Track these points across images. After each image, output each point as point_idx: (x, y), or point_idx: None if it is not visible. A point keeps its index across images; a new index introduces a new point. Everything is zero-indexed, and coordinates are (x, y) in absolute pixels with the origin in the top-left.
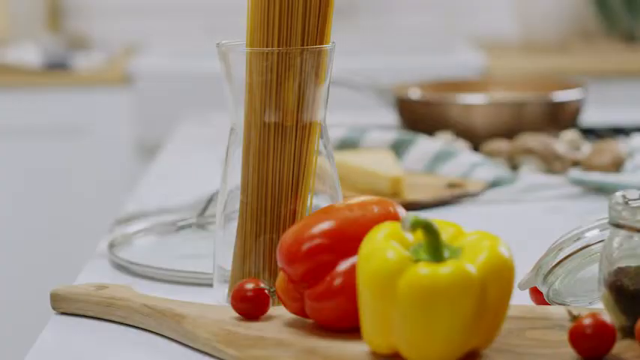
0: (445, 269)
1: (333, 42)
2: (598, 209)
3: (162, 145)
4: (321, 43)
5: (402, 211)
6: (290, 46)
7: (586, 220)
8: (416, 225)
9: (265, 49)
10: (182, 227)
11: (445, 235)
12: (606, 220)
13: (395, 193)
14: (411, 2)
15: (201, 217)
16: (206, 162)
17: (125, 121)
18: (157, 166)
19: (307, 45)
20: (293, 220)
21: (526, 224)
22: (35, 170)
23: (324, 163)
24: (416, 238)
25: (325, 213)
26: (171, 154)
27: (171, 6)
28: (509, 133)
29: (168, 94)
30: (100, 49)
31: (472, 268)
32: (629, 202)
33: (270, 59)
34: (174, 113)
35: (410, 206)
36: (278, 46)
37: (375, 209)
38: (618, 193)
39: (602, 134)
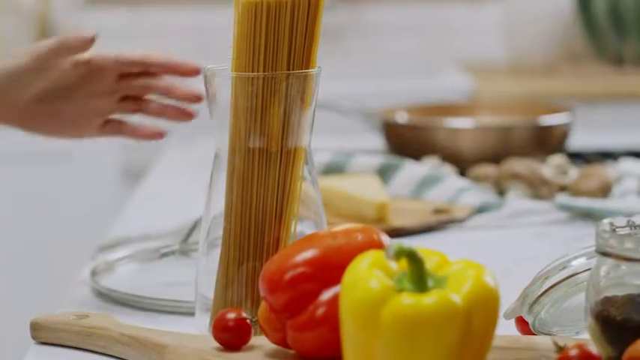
0: (429, 299)
1: (319, 67)
2: (585, 235)
3: (148, 169)
4: (307, 67)
5: (386, 239)
6: (276, 70)
7: (573, 247)
8: (400, 254)
9: (251, 74)
10: (165, 254)
11: (429, 264)
12: (593, 248)
13: (380, 219)
14: (397, 25)
15: (185, 243)
16: (191, 187)
17: (110, 145)
18: (142, 190)
19: (293, 69)
20: (276, 248)
21: (512, 251)
22: (20, 195)
23: (309, 189)
24: (400, 266)
25: (308, 241)
26: (156, 178)
27: (159, 28)
28: (496, 158)
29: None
30: None
31: (457, 298)
32: (616, 230)
33: (255, 84)
34: None
35: (395, 232)
36: (264, 71)
37: (359, 237)
38: (605, 221)
39: (590, 159)
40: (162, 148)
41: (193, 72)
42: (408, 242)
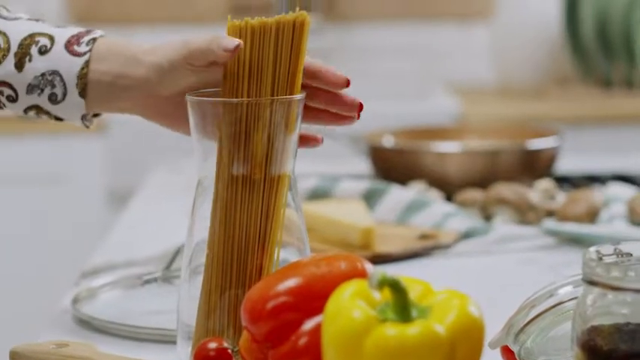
0: (413, 330)
1: (304, 92)
2: (573, 261)
3: (134, 193)
4: (292, 92)
5: (369, 268)
6: (260, 96)
7: (560, 273)
8: (383, 283)
9: (234, 99)
10: (148, 281)
11: (413, 294)
12: (580, 276)
13: (366, 245)
14: (386, 48)
15: (168, 270)
16: (176, 212)
17: (99, 168)
18: (127, 215)
19: (277, 95)
20: (259, 276)
21: (499, 277)
22: (7, 218)
23: (293, 215)
24: (383, 296)
25: (291, 269)
26: (141, 203)
27: None
28: (483, 183)
29: (141, 141)
30: None
31: (440, 329)
32: (603, 258)
33: (239, 110)
34: (147, 160)
35: (380, 259)
36: (247, 97)
37: (342, 265)
38: (592, 249)
39: (578, 183)
40: (149, 170)
41: (344, 84)
42: (392, 270)
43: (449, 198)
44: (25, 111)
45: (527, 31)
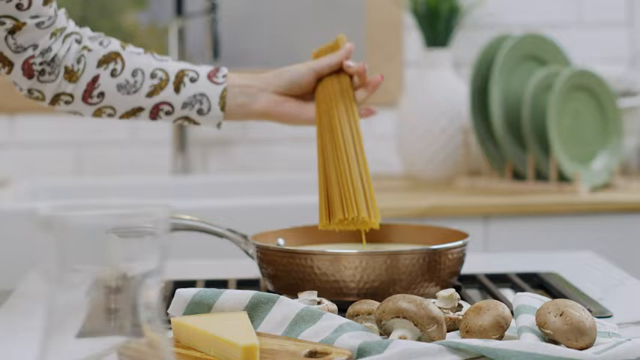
0: None
1: None
2: None
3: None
4: None
5: None
6: None
7: None
8: None
9: None
10: None
11: None
12: None
13: None
14: (290, 135)
15: None
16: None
17: None
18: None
19: None
20: None
21: None
22: None
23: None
24: None
25: None
26: (13, 307)
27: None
28: (381, 291)
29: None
30: None
31: None
32: None
33: None
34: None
35: None
36: None
37: None
38: None
39: (485, 288)
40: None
41: (377, 85)
42: None
43: (342, 309)
44: (175, 120)
45: (433, 120)
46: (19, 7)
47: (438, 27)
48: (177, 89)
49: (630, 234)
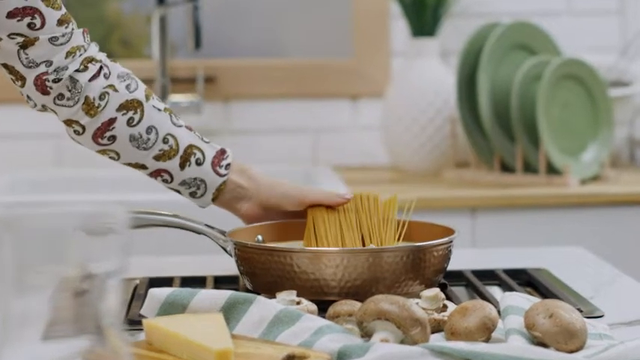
0: None
1: None
2: None
3: None
4: None
5: None
6: None
7: None
8: None
9: None
10: None
11: None
12: None
13: None
14: (275, 126)
15: None
16: None
17: None
18: None
19: None
20: None
21: None
22: None
23: None
24: None
25: None
26: None
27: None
28: (362, 291)
29: None
30: None
31: None
32: None
33: None
34: None
35: None
36: None
37: None
38: None
39: (472, 286)
40: None
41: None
42: None
43: (322, 310)
44: (167, 187)
45: (419, 110)
46: (30, 26)
47: (425, 16)
48: (182, 166)
49: (621, 227)
